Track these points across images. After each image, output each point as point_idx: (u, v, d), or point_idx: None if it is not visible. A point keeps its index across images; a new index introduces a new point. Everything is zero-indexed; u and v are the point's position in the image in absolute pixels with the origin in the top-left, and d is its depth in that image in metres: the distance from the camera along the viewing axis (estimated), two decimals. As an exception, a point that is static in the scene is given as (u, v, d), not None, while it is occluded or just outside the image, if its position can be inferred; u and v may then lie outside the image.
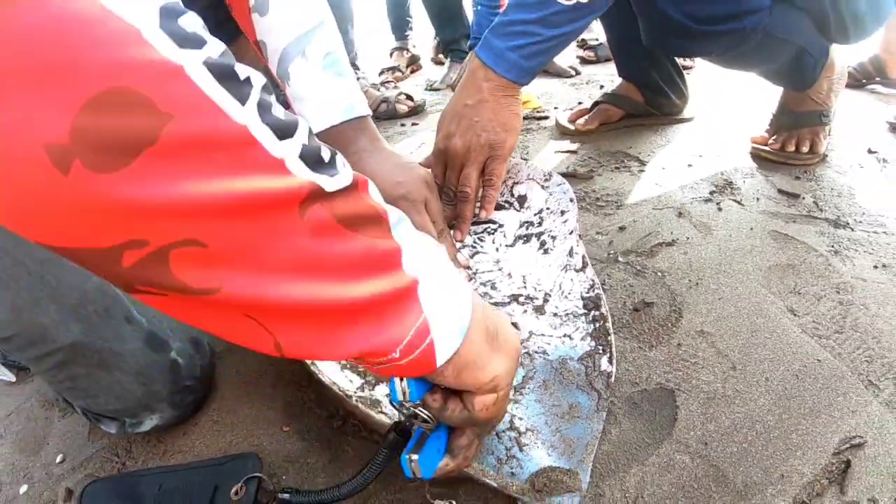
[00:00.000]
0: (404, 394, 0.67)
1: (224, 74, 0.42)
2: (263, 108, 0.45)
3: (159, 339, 1.05)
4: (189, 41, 0.40)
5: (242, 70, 0.44)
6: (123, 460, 1.08)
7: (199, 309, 0.48)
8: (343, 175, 0.51)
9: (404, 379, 0.66)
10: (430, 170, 1.30)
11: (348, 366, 1.04)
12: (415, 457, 0.70)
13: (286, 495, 0.87)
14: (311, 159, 0.48)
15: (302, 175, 0.47)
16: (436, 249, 0.62)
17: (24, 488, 1.07)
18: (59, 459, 1.11)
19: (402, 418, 0.73)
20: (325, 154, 0.50)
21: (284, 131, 0.46)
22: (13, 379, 1.27)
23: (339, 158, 0.52)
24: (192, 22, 0.42)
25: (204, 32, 0.43)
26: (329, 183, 0.49)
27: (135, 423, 1.07)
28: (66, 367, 0.98)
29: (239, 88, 0.43)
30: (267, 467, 0.99)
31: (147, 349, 1.03)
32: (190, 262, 0.44)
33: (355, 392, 0.98)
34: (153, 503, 0.94)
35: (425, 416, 0.70)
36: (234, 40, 1.55)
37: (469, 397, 0.68)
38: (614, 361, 1.04)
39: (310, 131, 0.49)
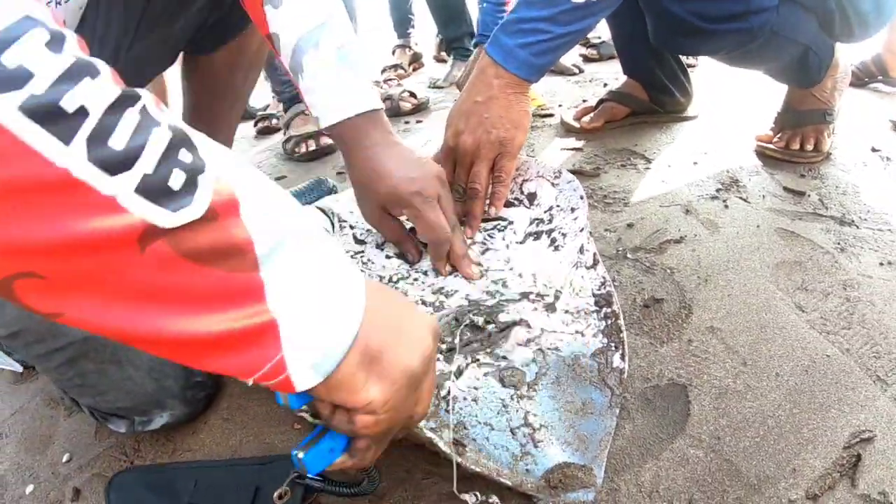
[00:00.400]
0: (285, 399, 0.68)
1: (46, 114, 0.41)
2: (96, 141, 0.43)
3: None
4: (6, 83, 0.39)
5: (76, 100, 0.42)
6: (132, 459, 1.09)
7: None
8: (195, 205, 0.48)
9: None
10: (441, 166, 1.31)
11: None
12: (301, 455, 0.70)
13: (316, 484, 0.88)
14: (154, 191, 0.46)
15: (137, 211, 0.45)
16: (324, 274, 0.59)
17: (30, 488, 1.08)
18: (65, 459, 1.12)
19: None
20: (177, 181, 0.47)
21: (121, 164, 0.44)
22: (20, 369, 1.27)
23: (204, 180, 0.49)
24: (21, 51, 0.40)
25: (37, 58, 0.41)
26: (169, 219, 0.46)
27: (144, 422, 1.07)
28: (76, 364, 0.98)
29: (64, 125, 0.42)
30: (280, 465, 0.99)
31: None
32: (31, 291, 0.45)
33: None
34: (189, 499, 0.94)
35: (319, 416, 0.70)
36: (237, 34, 1.55)
37: (352, 413, 0.65)
38: (627, 358, 1.04)
39: (166, 150, 0.47)
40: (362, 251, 1.34)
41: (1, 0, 0.41)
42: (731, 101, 2.35)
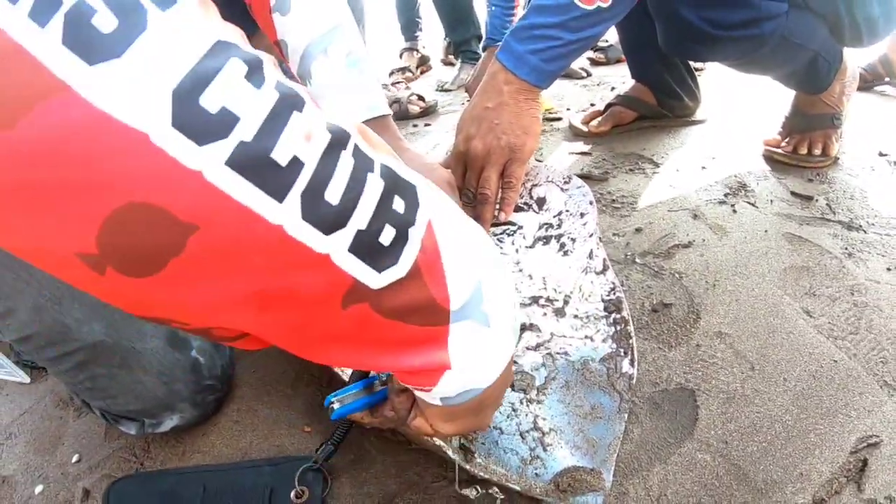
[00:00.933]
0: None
1: (255, 167, 0.37)
2: (310, 195, 0.40)
3: (180, 338, 1.05)
4: (211, 131, 0.35)
5: (288, 147, 0.38)
6: (141, 460, 1.09)
7: None
8: (402, 265, 0.46)
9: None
10: (450, 171, 1.32)
11: None
12: (336, 405, 0.78)
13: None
14: (366, 249, 0.43)
15: (348, 270, 0.43)
16: (493, 334, 0.57)
17: (39, 488, 1.08)
18: (75, 459, 1.12)
19: None
20: (388, 236, 0.45)
21: (336, 222, 0.41)
22: (27, 380, 1.28)
23: (413, 233, 0.47)
24: (221, 90, 0.36)
25: (240, 96, 0.37)
26: (376, 280, 0.45)
27: (154, 424, 1.07)
28: (87, 367, 0.99)
29: (276, 179, 0.38)
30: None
31: (168, 348, 1.03)
32: (230, 334, 0.46)
33: None
34: None
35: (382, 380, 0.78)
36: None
37: (417, 412, 0.73)
38: (636, 364, 1.05)
39: (380, 200, 0.44)
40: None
41: (183, 20, 0.36)
42: (739, 105, 2.36)
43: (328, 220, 0.41)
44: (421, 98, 2.84)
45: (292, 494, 0.93)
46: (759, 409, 1.02)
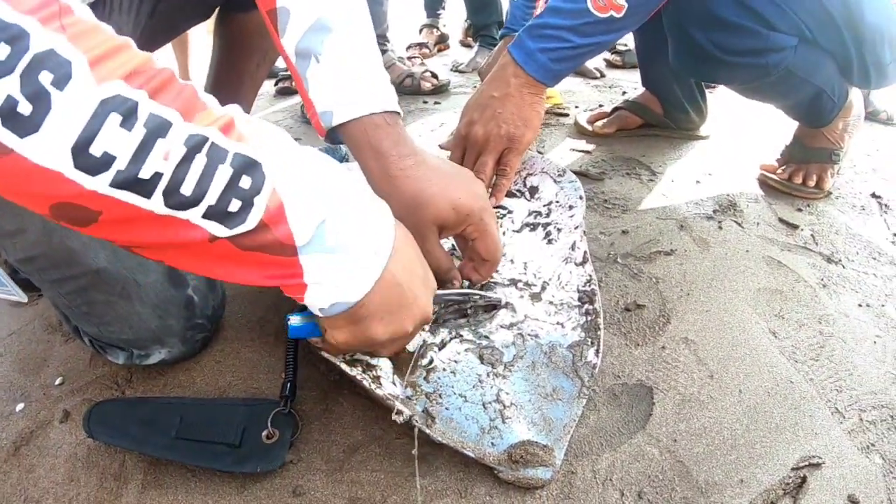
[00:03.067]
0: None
1: (129, 184, 0.57)
2: (170, 192, 0.59)
3: (178, 275, 1.08)
4: (97, 167, 0.55)
5: (150, 168, 0.58)
6: (123, 389, 1.12)
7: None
8: (249, 222, 0.65)
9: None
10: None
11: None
12: (293, 321, 0.90)
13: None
14: (217, 214, 0.63)
15: (204, 226, 0.63)
16: (352, 253, 0.75)
17: (20, 406, 1.10)
18: (58, 382, 1.15)
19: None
20: (235, 206, 0.64)
21: (190, 203, 0.61)
22: (25, 300, 1.30)
23: (258, 199, 0.65)
24: (103, 141, 0.54)
25: (115, 142, 0.55)
26: (227, 232, 0.65)
27: (143, 356, 1.10)
28: (87, 293, 1.01)
29: (143, 187, 0.58)
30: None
31: (167, 283, 1.06)
32: (140, 252, 0.69)
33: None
34: (175, 433, 0.95)
35: None
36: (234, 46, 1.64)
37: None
38: (600, 354, 1.08)
39: (227, 184, 0.63)
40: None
41: (77, 91, 0.53)
42: (744, 127, 2.38)
43: (185, 202, 0.61)
44: (434, 76, 2.87)
45: (263, 434, 0.95)
46: (712, 414, 1.06)
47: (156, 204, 0.59)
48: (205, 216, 0.63)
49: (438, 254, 1.05)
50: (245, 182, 0.64)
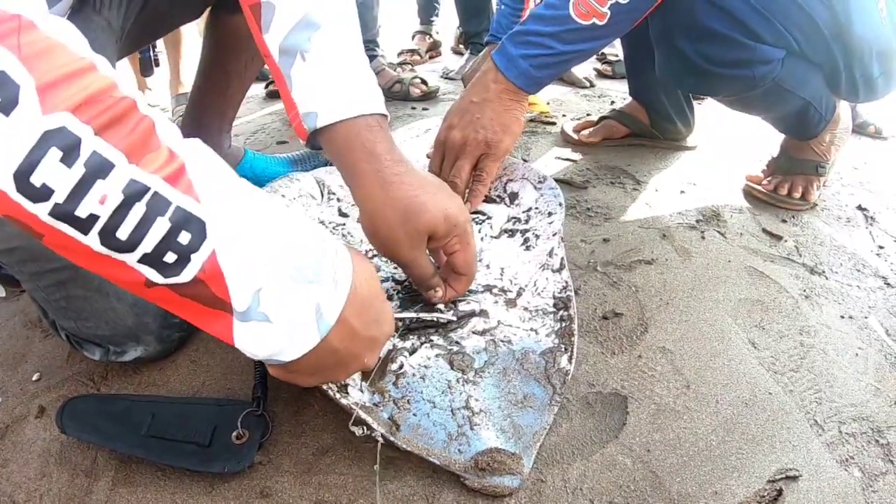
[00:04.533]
0: None
1: (66, 218, 0.56)
2: (105, 234, 0.58)
3: None
4: (37, 196, 0.54)
5: (87, 208, 0.56)
6: (98, 386, 1.12)
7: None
8: (184, 275, 0.64)
9: None
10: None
11: None
12: None
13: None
14: (152, 262, 0.62)
15: (140, 270, 0.63)
16: (290, 321, 0.72)
17: (-3, 400, 1.10)
18: (35, 377, 1.15)
19: None
20: (171, 258, 0.62)
21: (125, 248, 0.60)
22: (2, 294, 1.29)
23: (196, 257, 0.63)
24: (43, 173, 0.54)
25: (55, 176, 0.54)
26: (162, 280, 0.64)
27: (119, 353, 1.10)
28: (65, 287, 1.01)
29: (81, 224, 0.57)
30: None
31: None
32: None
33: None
34: (146, 430, 0.96)
35: None
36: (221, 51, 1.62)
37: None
38: (573, 361, 1.07)
39: (165, 236, 0.61)
40: (344, 223, 1.37)
41: (22, 119, 0.52)
42: (730, 138, 2.38)
43: (121, 247, 0.60)
44: (424, 82, 2.88)
45: (233, 435, 0.95)
46: (687, 424, 1.05)
47: (92, 242, 0.59)
48: (140, 261, 0.62)
49: (424, 262, 1.05)
50: (184, 237, 0.62)
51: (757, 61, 1.48)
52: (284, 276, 0.70)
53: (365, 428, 0.90)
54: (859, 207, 1.86)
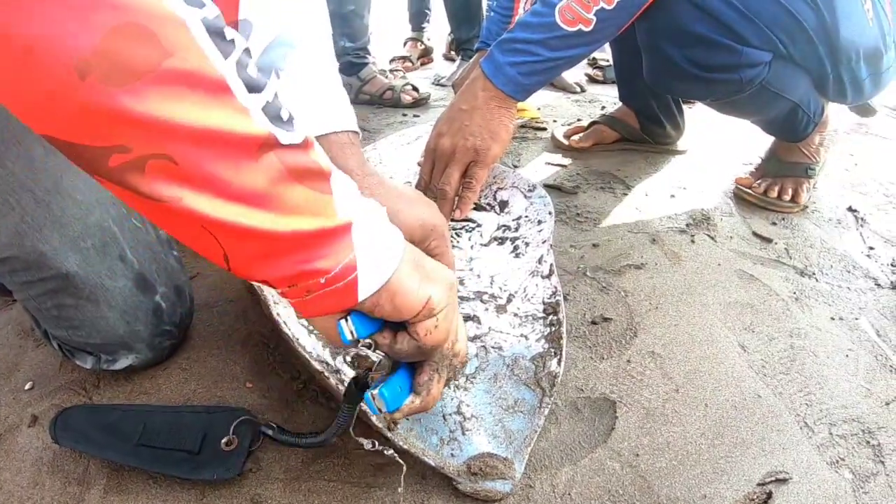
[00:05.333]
0: (352, 333, 0.71)
1: (215, 32, 0.51)
2: (241, 66, 0.53)
3: (147, 282, 1.07)
4: (192, 4, 0.49)
5: (230, 33, 0.53)
6: (91, 395, 1.12)
7: (166, 215, 0.56)
8: (297, 133, 0.58)
9: (349, 320, 0.70)
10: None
11: (314, 332, 1.07)
12: (376, 392, 0.75)
13: (269, 430, 0.94)
14: (272, 114, 0.56)
15: (261, 125, 0.55)
16: (372, 204, 0.70)
17: (-11, 409, 1.10)
18: (28, 386, 1.15)
19: (357, 368, 0.76)
20: (285, 113, 0.58)
21: (253, 87, 0.54)
22: None
23: (297, 121, 0.59)
24: None
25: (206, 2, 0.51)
26: (284, 136, 0.57)
27: (110, 361, 1.10)
28: (56, 296, 1.01)
29: (225, 46, 0.52)
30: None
31: (135, 289, 1.05)
32: (161, 174, 0.52)
33: (317, 356, 1.01)
34: (137, 440, 0.96)
35: (379, 357, 0.74)
36: None
37: (412, 327, 0.73)
38: (562, 364, 1.08)
39: (276, 93, 0.58)
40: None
41: None
42: (720, 141, 2.39)
43: (251, 84, 0.54)
44: (415, 89, 2.88)
45: (223, 442, 0.95)
46: (676, 428, 1.05)
47: (229, 68, 0.53)
48: (264, 111, 0.56)
49: None
50: (283, 103, 0.60)
51: (744, 65, 1.48)
52: (366, 174, 0.74)
53: (377, 443, 0.88)
54: (849, 209, 1.87)
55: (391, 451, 0.88)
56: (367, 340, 0.74)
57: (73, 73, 0.45)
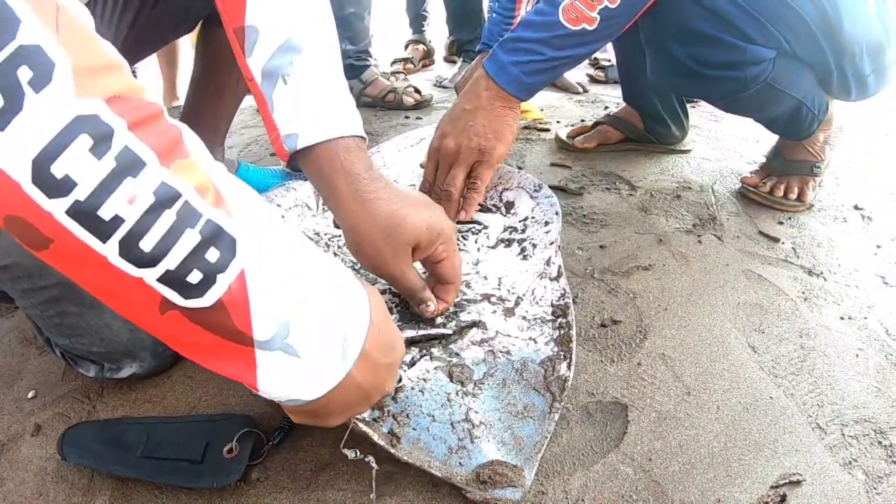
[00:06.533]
0: None
1: (86, 218, 0.50)
2: (127, 242, 0.53)
3: None
4: (56, 189, 0.49)
5: (112, 208, 0.51)
6: (94, 403, 1.12)
7: None
8: (206, 298, 0.58)
9: None
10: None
11: None
12: None
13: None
14: (173, 281, 0.56)
15: (158, 290, 0.56)
16: (313, 357, 0.69)
17: (-8, 418, 1.10)
18: (30, 395, 1.14)
19: None
20: (195, 278, 0.57)
21: (147, 262, 0.54)
22: None
23: (222, 278, 0.58)
24: (67, 162, 0.48)
25: (80, 167, 0.49)
26: (181, 302, 0.57)
27: (114, 369, 1.10)
28: (58, 303, 1.01)
29: (101, 228, 0.51)
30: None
31: None
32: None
33: None
34: (142, 452, 0.96)
35: None
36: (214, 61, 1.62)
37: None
38: (572, 367, 1.07)
39: (192, 251, 0.56)
40: (339, 235, 1.36)
41: (54, 99, 0.48)
42: (725, 140, 2.38)
43: (142, 259, 0.54)
44: (417, 91, 2.89)
45: (225, 449, 0.95)
46: (688, 432, 1.04)
47: (110, 251, 0.52)
48: (160, 280, 0.56)
49: (412, 275, 1.05)
50: (212, 255, 0.57)
51: (748, 62, 1.47)
52: (310, 308, 0.67)
53: (358, 452, 0.90)
54: (856, 207, 1.86)
55: (373, 464, 0.89)
56: None
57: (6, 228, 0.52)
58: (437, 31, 3.95)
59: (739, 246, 1.60)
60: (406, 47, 3.88)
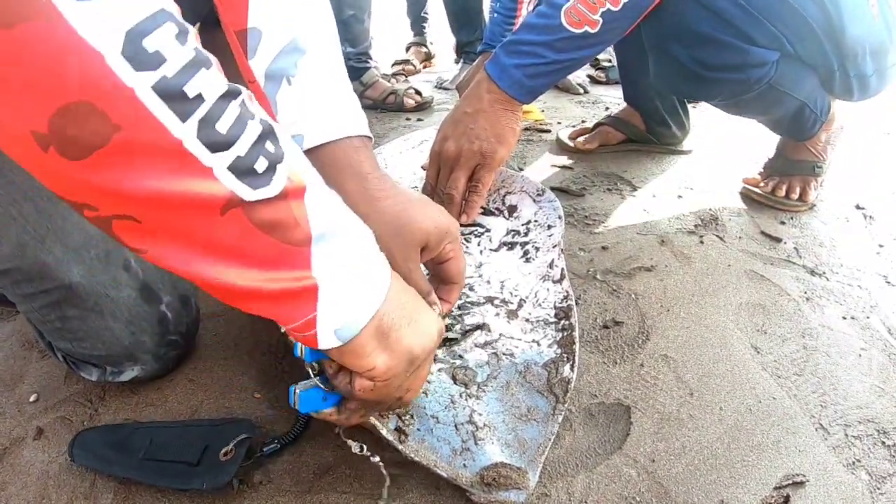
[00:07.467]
0: (302, 352, 0.76)
1: (170, 95, 0.50)
2: (207, 123, 0.53)
3: (152, 291, 1.07)
4: (145, 63, 0.48)
5: (195, 87, 0.52)
6: (96, 407, 1.11)
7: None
8: (272, 186, 0.58)
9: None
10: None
11: None
12: (298, 390, 0.78)
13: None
14: (242, 170, 0.56)
15: (226, 183, 0.55)
16: (360, 252, 0.71)
17: (-6, 423, 1.09)
18: (32, 398, 1.14)
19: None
20: (261, 165, 0.57)
21: (221, 145, 0.54)
22: None
23: (281, 168, 0.59)
24: (158, 40, 0.49)
25: (169, 47, 0.50)
26: (249, 193, 0.57)
27: (115, 373, 1.09)
28: (60, 308, 1.00)
29: (182, 106, 0.51)
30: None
31: (140, 299, 1.05)
32: (126, 230, 0.56)
33: None
34: (143, 455, 0.97)
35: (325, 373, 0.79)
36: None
37: (354, 376, 0.76)
38: (575, 369, 1.07)
39: (256, 140, 0.57)
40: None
41: None
42: (726, 140, 2.38)
43: (215, 142, 0.53)
44: (418, 92, 2.88)
45: (221, 452, 0.95)
46: (692, 433, 1.04)
47: (188, 132, 0.52)
48: (230, 168, 0.55)
49: (419, 276, 1.03)
50: (270, 146, 0.59)
51: (751, 64, 1.47)
52: (351, 227, 0.71)
53: (364, 447, 0.88)
54: (857, 206, 1.86)
55: (377, 459, 0.88)
56: (314, 364, 0.78)
57: (35, 145, 0.48)
58: (445, 34, 3.95)
59: (741, 246, 1.60)
60: (407, 49, 3.88)
